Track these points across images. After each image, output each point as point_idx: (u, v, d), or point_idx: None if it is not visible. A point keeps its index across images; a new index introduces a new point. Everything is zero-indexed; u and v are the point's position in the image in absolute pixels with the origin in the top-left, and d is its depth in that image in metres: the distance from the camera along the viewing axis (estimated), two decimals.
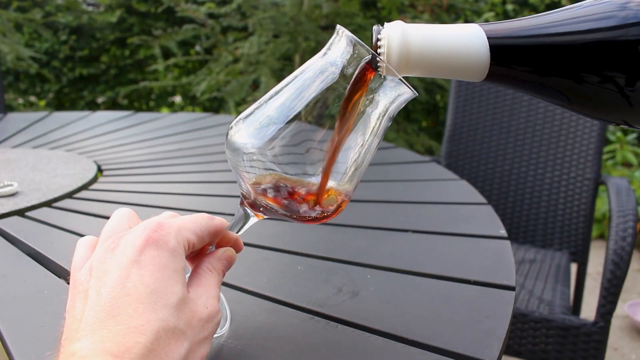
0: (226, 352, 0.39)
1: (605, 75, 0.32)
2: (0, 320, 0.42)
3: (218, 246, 0.39)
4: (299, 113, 0.35)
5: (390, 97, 0.36)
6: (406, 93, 0.35)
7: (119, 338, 0.27)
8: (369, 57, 0.34)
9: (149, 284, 0.30)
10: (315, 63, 0.36)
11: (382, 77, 0.34)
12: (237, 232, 0.41)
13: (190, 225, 0.35)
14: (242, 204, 0.40)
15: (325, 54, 0.36)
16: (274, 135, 0.35)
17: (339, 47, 0.35)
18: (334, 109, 0.35)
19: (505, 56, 0.33)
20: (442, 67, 0.34)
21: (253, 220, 0.41)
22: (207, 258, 0.37)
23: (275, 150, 0.35)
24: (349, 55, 0.35)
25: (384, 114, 0.36)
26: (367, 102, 0.35)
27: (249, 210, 0.40)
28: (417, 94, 0.36)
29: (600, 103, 0.33)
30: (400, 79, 0.34)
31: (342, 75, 0.35)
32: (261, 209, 0.39)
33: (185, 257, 0.35)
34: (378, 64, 0.34)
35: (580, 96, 0.33)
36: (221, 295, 0.45)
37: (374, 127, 0.36)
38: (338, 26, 0.35)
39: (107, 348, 0.27)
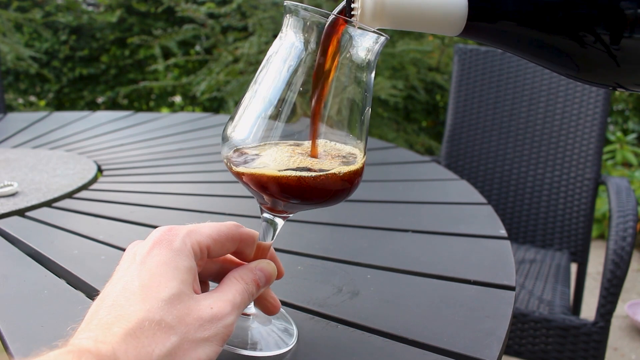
0: (225, 352, 0.39)
1: (587, 33, 0.30)
2: (0, 320, 0.42)
3: (254, 260, 0.39)
4: (284, 99, 0.35)
5: (365, 47, 0.35)
6: (380, 40, 0.35)
7: (106, 325, 0.29)
8: (339, 7, 0.34)
9: (143, 278, 0.31)
10: (277, 49, 0.36)
11: (351, 34, 0.34)
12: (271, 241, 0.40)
13: (206, 229, 0.36)
14: (262, 211, 0.39)
15: (280, 37, 0.36)
16: (267, 128, 0.35)
17: (292, 23, 0.35)
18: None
19: (484, 9, 0.32)
20: (418, 18, 0.33)
21: (280, 223, 0.40)
22: (238, 268, 0.37)
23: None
24: (306, 28, 0.34)
25: (366, 66, 0.36)
26: (346, 59, 0.35)
27: (270, 216, 0.39)
28: (389, 37, 0.36)
29: (587, 63, 0.31)
30: (372, 29, 0.34)
31: (308, 49, 0.35)
32: (282, 207, 0.38)
33: (201, 260, 0.35)
34: (352, 14, 0.33)
35: (564, 55, 0.31)
36: (283, 311, 0.44)
37: (361, 81, 0.36)
38: (285, 3, 0.35)
39: (94, 335, 0.28)
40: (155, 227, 0.65)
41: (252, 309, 0.42)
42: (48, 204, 0.75)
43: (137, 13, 3.52)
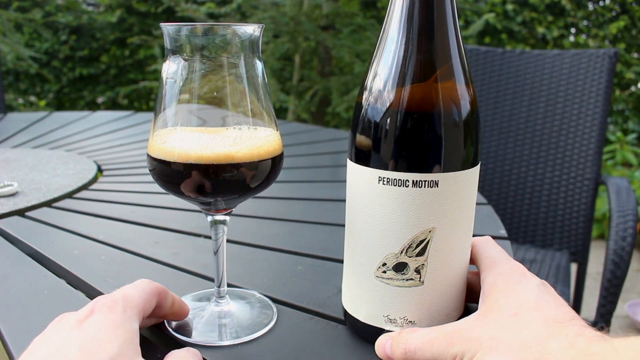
0: (226, 351, 0.39)
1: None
2: (0, 320, 0.42)
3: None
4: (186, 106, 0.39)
5: (245, 36, 0.39)
6: (256, 30, 0.39)
7: None
8: None
9: (81, 342, 0.31)
10: (167, 74, 0.39)
11: (234, 28, 0.38)
12: (222, 238, 0.43)
13: (136, 292, 0.37)
14: (206, 215, 0.43)
15: (164, 62, 0.40)
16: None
17: (172, 40, 0.39)
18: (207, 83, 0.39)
19: None
20: None
21: (224, 218, 0.43)
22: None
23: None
24: (176, 42, 0.38)
25: (248, 53, 0.40)
26: (233, 50, 0.39)
27: (212, 216, 0.42)
28: (264, 25, 0.40)
29: None
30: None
31: (184, 58, 0.38)
32: (221, 206, 0.41)
33: (142, 322, 0.37)
34: None
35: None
36: (257, 294, 0.48)
37: (245, 66, 0.40)
38: (161, 25, 0.39)
39: None
40: (155, 227, 0.65)
41: (228, 303, 0.45)
42: (48, 204, 0.75)
43: (137, 13, 3.52)
